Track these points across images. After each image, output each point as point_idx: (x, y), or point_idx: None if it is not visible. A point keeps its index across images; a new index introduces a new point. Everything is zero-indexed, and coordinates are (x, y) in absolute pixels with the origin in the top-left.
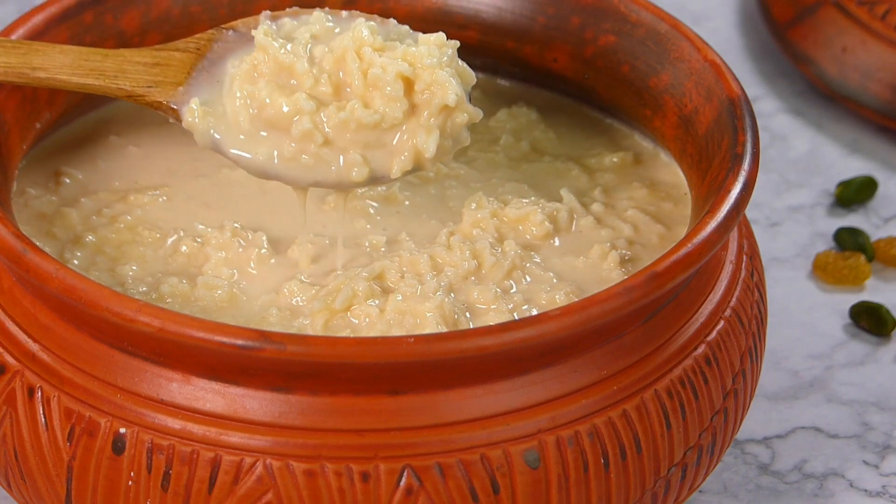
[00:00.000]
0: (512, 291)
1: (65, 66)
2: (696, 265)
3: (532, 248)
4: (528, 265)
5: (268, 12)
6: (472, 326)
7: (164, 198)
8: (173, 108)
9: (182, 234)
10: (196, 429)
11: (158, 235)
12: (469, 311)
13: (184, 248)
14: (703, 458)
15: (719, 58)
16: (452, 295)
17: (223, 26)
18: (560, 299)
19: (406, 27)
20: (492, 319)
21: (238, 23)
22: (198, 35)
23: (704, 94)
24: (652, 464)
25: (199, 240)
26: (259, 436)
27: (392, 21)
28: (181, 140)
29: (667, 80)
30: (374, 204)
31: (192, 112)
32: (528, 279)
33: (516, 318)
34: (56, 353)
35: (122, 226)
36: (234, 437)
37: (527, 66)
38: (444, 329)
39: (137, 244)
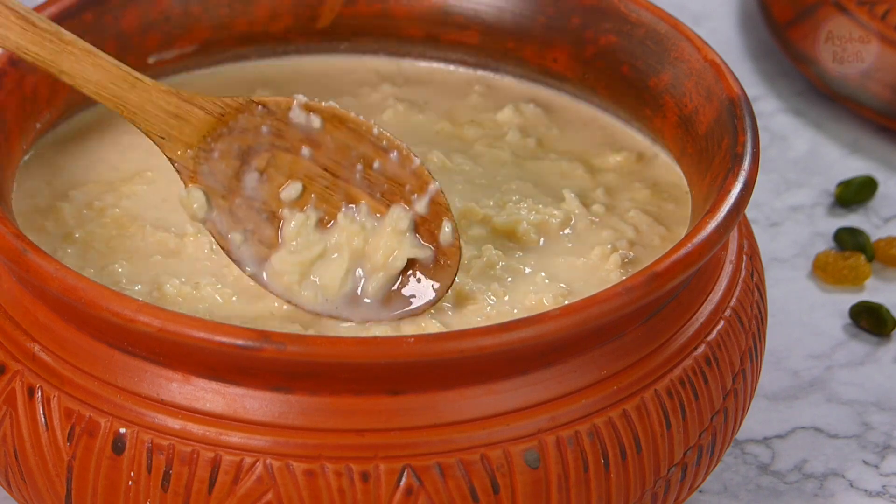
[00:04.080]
0: (496, 287)
1: (90, 82)
2: (696, 265)
3: (527, 250)
4: (520, 266)
5: (302, 98)
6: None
7: (152, 185)
8: (176, 167)
9: (173, 228)
10: (196, 429)
11: (146, 229)
12: (455, 304)
13: (172, 243)
14: (703, 458)
15: (719, 58)
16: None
17: (255, 99)
18: (548, 301)
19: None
20: (477, 312)
21: (270, 101)
22: (227, 100)
23: (704, 94)
24: (652, 464)
25: (188, 237)
26: (259, 436)
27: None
28: None
29: (667, 79)
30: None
31: (188, 198)
32: (511, 279)
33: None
34: (56, 353)
35: (108, 220)
36: (234, 437)
37: (527, 66)
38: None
39: (126, 238)
